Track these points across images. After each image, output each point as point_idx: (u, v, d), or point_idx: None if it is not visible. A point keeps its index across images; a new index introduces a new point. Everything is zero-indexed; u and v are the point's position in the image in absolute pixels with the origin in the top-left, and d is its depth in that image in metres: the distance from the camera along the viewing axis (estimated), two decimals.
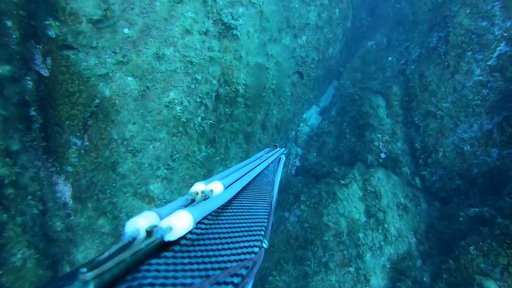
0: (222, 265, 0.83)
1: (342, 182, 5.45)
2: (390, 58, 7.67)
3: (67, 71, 3.75)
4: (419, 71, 6.24)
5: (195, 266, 0.77)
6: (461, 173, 5.28)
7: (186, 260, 0.78)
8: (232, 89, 4.72)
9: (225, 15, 4.33)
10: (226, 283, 0.76)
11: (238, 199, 1.36)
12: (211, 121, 4.52)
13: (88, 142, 4.11)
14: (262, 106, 5.50)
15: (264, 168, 1.87)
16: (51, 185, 4.16)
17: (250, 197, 1.46)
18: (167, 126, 4.16)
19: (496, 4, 5.44)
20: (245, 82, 4.83)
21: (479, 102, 5.25)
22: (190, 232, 0.89)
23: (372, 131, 6.45)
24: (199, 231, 0.94)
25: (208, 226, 1.00)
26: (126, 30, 3.66)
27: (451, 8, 6.05)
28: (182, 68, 4.05)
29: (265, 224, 1.22)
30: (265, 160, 1.97)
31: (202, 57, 4.15)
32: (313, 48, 7.62)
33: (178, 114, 4.16)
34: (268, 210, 1.40)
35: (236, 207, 1.28)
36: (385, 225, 4.89)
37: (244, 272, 0.84)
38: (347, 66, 8.79)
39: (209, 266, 0.80)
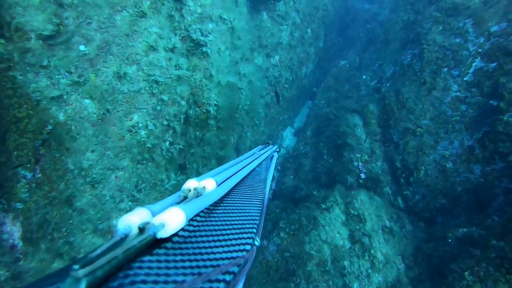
0: (214, 263, 0.83)
1: (323, 206, 5.14)
2: (364, 77, 7.59)
3: (13, 94, 3.29)
4: (395, 89, 6.14)
5: (187, 264, 0.77)
6: (445, 191, 5.09)
7: (178, 257, 0.78)
8: (203, 110, 4.38)
9: (193, 31, 4.03)
10: (218, 281, 0.76)
11: (231, 197, 1.35)
12: (180, 146, 4.14)
13: (40, 174, 3.62)
14: (236, 128, 5.18)
15: (257, 166, 1.92)
16: None
17: (242, 195, 1.45)
18: (130, 153, 3.73)
19: (467, 21, 5.43)
20: (216, 103, 4.51)
21: (458, 118, 5.14)
22: (182, 229, 0.89)
23: (350, 150, 6.24)
24: (191, 228, 0.94)
25: (200, 223, 0.99)
26: (82, 47, 3.27)
27: (423, 25, 6.03)
28: (147, 88, 3.67)
29: (257, 222, 1.23)
30: (257, 158, 1.95)
31: (168, 76, 3.79)
32: (286, 68, 7.45)
33: (143, 139, 3.75)
34: (260, 208, 1.41)
35: (229, 205, 1.27)
36: (372, 251, 4.58)
37: (236, 269, 0.84)
38: (320, 86, 8.68)
39: (201, 263, 0.80)
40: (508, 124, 4.51)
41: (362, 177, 5.96)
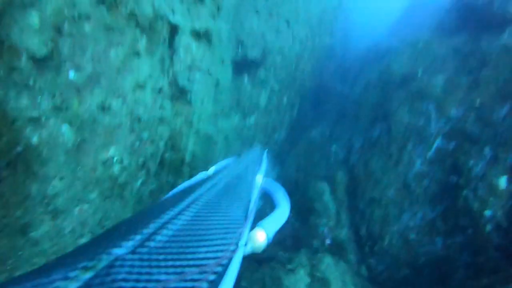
0: (198, 262, 0.83)
1: (289, 266, 5.02)
2: (333, 148, 7.93)
3: None
4: (363, 160, 6.45)
5: (170, 263, 0.77)
6: (408, 261, 5.15)
7: (161, 257, 0.78)
8: (179, 155, 4.38)
9: (181, 78, 4.19)
10: (201, 280, 0.76)
11: (216, 199, 1.37)
12: (152, 187, 4.05)
13: None
14: None
15: (243, 170, 1.94)
16: None
17: (228, 197, 1.48)
18: (100, 186, 3.60)
19: (430, 105, 5.99)
20: (193, 151, 4.54)
21: (421, 191, 5.41)
22: (166, 229, 0.90)
23: (317, 216, 6.30)
24: (175, 227, 0.94)
25: (185, 223, 1.00)
26: (71, 74, 3.30)
27: (392, 105, 6.58)
28: (128, 123, 3.68)
29: (242, 223, 1.30)
30: (243, 162, 2.12)
31: (151, 115, 3.85)
32: (260, 131, 7.70)
33: (115, 174, 3.66)
34: (246, 210, 1.48)
35: (214, 207, 1.28)
36: None
37: (219, 269, 0.85)
38: (291, 153, 8.93)
39: (184, 262, 0.80)
40: (466, 199, 4.78)
41: (327, 242, 5.95)
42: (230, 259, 0.98)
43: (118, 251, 0.73)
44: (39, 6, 3.22)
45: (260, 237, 1.44)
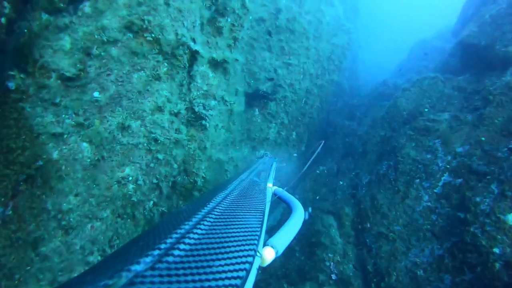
0: (217, 276, 0.83)
1: None
2: (341, 183, 7.97)
3: (14, 125, 3.34)
4: (371, 195, 6.47)
5: (189, 277, 0.78)
6: None
7: (180, 272, 0.78)
8: (191, 180, 4.48)
9: (197, 104, 4.37)
10: None
11: (231, 209, 1.37)
12: (162, 209, 4.11)
13: (11, 212, 3.44)
14: None
15: (255, 176, 1.95)
16: None
17: (242, 207, 1.46)
18: (113, 205, 3.67)
19: (437, 141, 6.11)
20: (204, 176, 4.63)
21: (429, 226, 5.39)
22: (183, 243, 0.90)
23: (323, 250, 6.24)
24: (192, 241, 0.94)
25: (201, 237, 1.00)
26: (96, 94, 3.48)
27: (399, 140, 6.70)
28: (145, 144, 3.81)
29: (258, 233, 1.26)
30: (255, 169, 2.02)
31: (168, 137, 3.98)
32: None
33: (129, 193, 3.74)
34: (261, 219, 1.44)
35: (229, 217, 1.28)
36: None
37: (238, 282, 0.84)
38: (298, 187, 8.96)
39: (203, 277, 0.81)
40: (474, 236, 4.76)
41: (333, 278, 5.86)
42: (248, 271, 0.95)
43: (137, 268, 0.74)
44: (72, 30, 3.47)
45: (268, 255, 1.41)
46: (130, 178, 3.72)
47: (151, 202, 3.94)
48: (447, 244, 5.13)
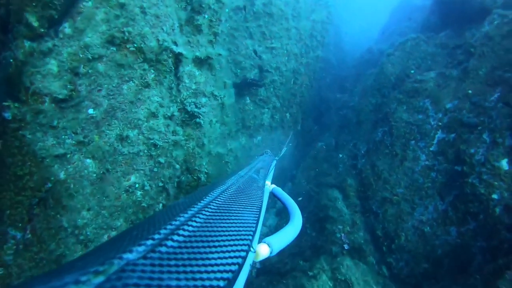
0: (209, 268, 0.84)
1: (310, 273, 5.17)
2: (340, 155, 8.14)
3: (18, 153, 3.48)
4: (370, 162, 6.65)
5: (181, 269, 0.79)
6: (426, 255, 5.26)
7: (172, 262, 0.79)
8: (194, 177, 4.63)
9: (188, 104, 4.49)
10: (212, 287, 0.78)
11: (228, 204, 1.38)
12: None
13: (30, 235, 3.62)
14: None
15: (254, 173, 1.99)
16: None
17: (239, 202, 1.48)
18: (125, 213, 3.84)
19: (426, 101, 6.24)
20: (207, 171, 4.78)
21: (429, 184, 5.58)
22: (177, 234, 0.92)
23: (332, 223, 6.43)
24: (186, 233, 0.95)
25: (196, 229, 1.01)
26: (91, 111, 3.61)
27: (390, 106, 6.83)
28: (145, 151, 3.96)
29: (253, 229, 1.26)
30: (254, 166, 2.12)
31: (166, 141, 4.12)
32: (267, 148, 7.93)
33: (138, 199, 3.91)
34: (257, 215, 1.44)
35: (225, 212, 1.29)
36: None
37: (230, 276, 0.85)
38: (300, 166, 9.12)
39: (195, 268, 0.81)
40: (473, 186, 4.95)
41: (346, 248, 6.07)
42: (240, 266, 0.97)
43: (129, 256, 0.73)
44: (56, 53, 3.57)
45: (262, 251, 1.46)
46: (137, 185, 3.88)
47: (160, 205, 4.10)
48: (449, 198, 5.32)
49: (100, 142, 3.70)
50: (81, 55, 3.61)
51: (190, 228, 0.99)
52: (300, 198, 7.53)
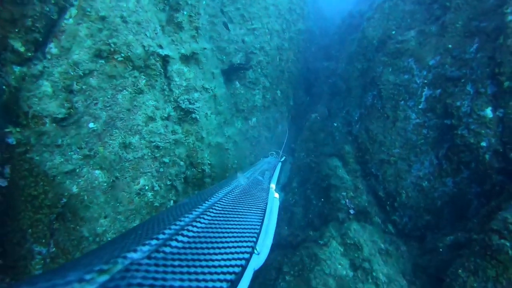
0: (212, 270, 0.85)
1: (321, 242, 5.46)
2: (335, 124, 8.32)
3: (29, 175, 3.67)
4: (364, 127, 6.85)
5: (185, 269, 0.79)
6: (427, 208, 5.56)
7: (176, 263, 0.80)
8: (199, 170, 4.84)
9: (182, 101, 4.64)
10: None
11: (232, 206, 1.38)
12: None
13: (54, 248, 3.86)
14: None
15: (259, 175, 2.00)
16: None
17: (244, 204, 1.48)
18: (140, 214, 4.07)
19: (410, 60, 6.38)
20: (209, 162, 4.99)
21: (423, 141, 5.81)
22: (182, 235, 0.93)
23: (336, 190, 6.69)
24: (191, 234, 0.96)
25: (201, 230, 1.02)
26: (91, 125, 3.77)
27: (376, 70, 6.97)
28: (149, 153, 4.15)
29: (258, 231, 1.28)
30: (259, 168, 2.11)
31: (167, 141, 4.31)
32: (264, 127, 8.12)
33: (150, 200, 4.13)
34: (262, 217, 1.46)
35: (230, 213, 1.29)
36: (373, 274, 4.86)
37: (233, 277, 0.86)
38: (298, 140, 9.32)
39: (199, 269, 0.82)
40: (463, 137, 5.17)
41: (352, 212, 6.36)
42: (244, 268, 0.95)
43: (133, 256, 0.74)
44: (48, 74, 3.70)
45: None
46: (147, 187, 4.09)
47: (171, 201, 4.33)
48: (442, 151, 5.56)
49: (105, 153, 3.88)
50: (72, 73, 3.73)
51: (195, 229, 1.00)
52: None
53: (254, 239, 1.17)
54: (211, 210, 1.21)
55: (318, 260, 5.18)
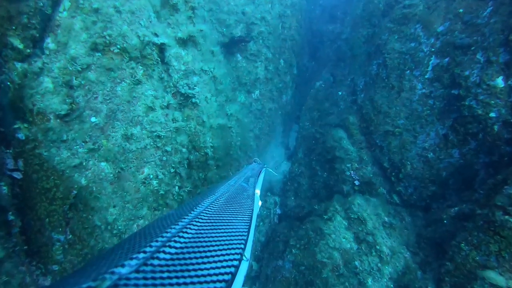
0: (202, 279, 0.86)
1: (326, 217, 5.60)
2: (340, 93, 8.19)
3: (40, 169, 3.82)
4: (369, 97, 6.74)
5: (174, 281, 0.79)
6: (432, 179, 5.58)
7: (165, 275, 0.80)
8: (202, 153, 4.92)
9: (181, 86, 4.64)
10: None
11: (218, 214, 1.40)
12: (188, 188, 4.64)
13: (71, 235, 4.09)
14: (232, 164, 5.72)
15: (244, 182, 2.02)
16: None
17: (230, 212, 1.50)
18: (147, 202, 4.23)
19: (417, 27, 6.12)
20: (212, 145, 5.05)
21: (428, 112, 5.71)
22: (169, 246, 0.92)
23: (340, 162, 6.74)
24: (178, 245, 0.96)
25: (188, 240, 1.02)
26: (93, 119, 3.85)
27: (381, 37, 6.73)
28: (151, 143, 4.23)
29: (245, 237, 1.28)
30: (243, 175, 2.11)
31: (168, 129, 4.37)
32: (267, 99, 8.06)
33: (155, 188, 4.27)
34: (248, 224, 1.46)
35: (217, 221, 1.31)
36: (377, 247, 5.01)
37: (223, 285, 0.88)
38: (302, 108, 9.24)
39: (188, 280, 0.83)
40: (470, 108, 5.07)
41: (357, 184, 6.44)
42: (234, 275, 0.97)
43: (121, 270, 0.72)
44: (47, 71, 3.74)
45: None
46: (151, 176, 4.21)
47: (176, 187, 4.47)
48: (449, 122, 5.48)
49: (109, 145, 3.98)
50: (70, 68, 3.76)
51: (182, 240, 0.99)
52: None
53: (242, 246, 1.17)
54: (197, 219, 1.21)
55: (323, 235, 5.35)
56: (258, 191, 2.16)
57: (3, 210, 3.77)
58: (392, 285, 4.81)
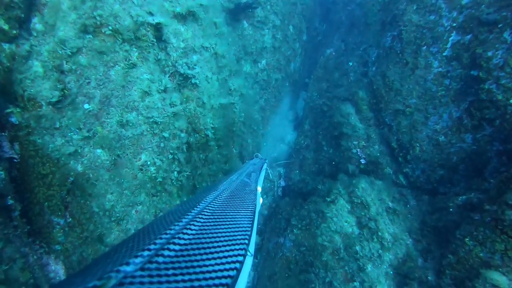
0: (207, 275, 0.85)
1: (328, 199, 5.51)
2: (351, 63, 7.76)
3: (36, 155, 3.75)
4: (381, 72, 6.37)
5: (179, 277, 0.79)
6: (441, 163, 5.37)
7: (170, 272, 0.79)
8: (202, 135, 4.77)
9: (180, 66, 4.39)
10: None
11: (222, 210, 1.39)
12: (187, 173, 4.55)
13: (70, 219, 4.10)
14: (235, 140, 5.57)
15: (246, 177, 1.98)
16: (43, 267, 4.13)
17: (233, 207, 1.49)
18: (145, 189, 4.17)
19: None
20: (213, 126, 4.88)
21: (443, 92, 5.38)
22: (173, 243, 0.91)
23: (347, 139, 6.52)
24: (182, 241, 0.95)
25: (192, 237, 1.01)
26: (86, 105, 3.69)
27: (399, 6, 6.22)
28: (148, 129, 4.09)
29: (249, 233, 1.26)
30: (245, 170, 2.08)
31: (165, 115, 4.20)
32: (274, 69, 7.72)
33: (153, 175, 4.19)
34: (251, 219, 1.44)
35: (220, 217, 1.30)
36: (379, 233, 4.94)
37: (229, 281, 0.86)
38: (311, 77, 8.83)
39: (194, 276, 0.82)
40: (490, 92, 4.73)
41: (363, 162, 6.27)
42: (239, 271, 0.96)
43: (126, 269, 0.73)
44: (36, 53, 3.54)
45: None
46: (149, 163, 4.12)
47: (175, 173, 4.38)
48: (464, 105, 5.17)
49: (104, 132, 3.85)
50: (60, 52, 3.55)
51: (186, 236, 0.99)
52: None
53: (246, 241, 1.16)
54: (200, 215, 1.20)
55: (325, 217, 5.29)
56: (259, 188, 2.11)
57: (1, 196, 3.76)
58: (391, 272, 4.79)
